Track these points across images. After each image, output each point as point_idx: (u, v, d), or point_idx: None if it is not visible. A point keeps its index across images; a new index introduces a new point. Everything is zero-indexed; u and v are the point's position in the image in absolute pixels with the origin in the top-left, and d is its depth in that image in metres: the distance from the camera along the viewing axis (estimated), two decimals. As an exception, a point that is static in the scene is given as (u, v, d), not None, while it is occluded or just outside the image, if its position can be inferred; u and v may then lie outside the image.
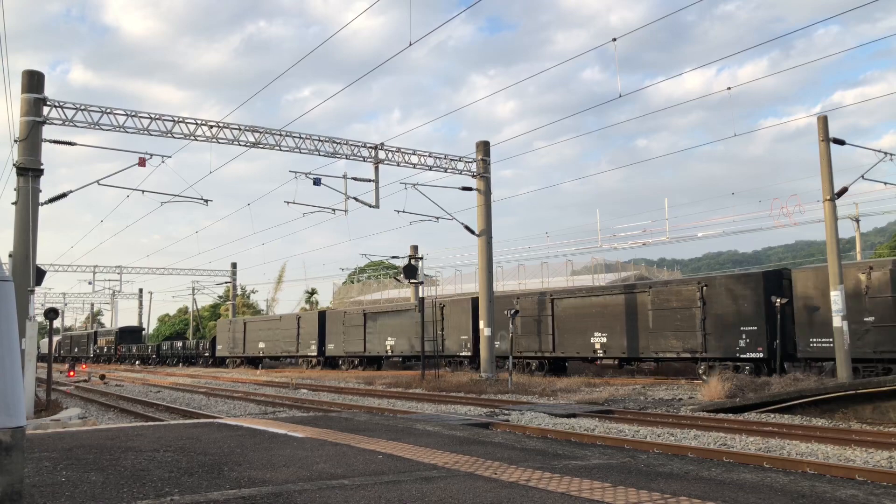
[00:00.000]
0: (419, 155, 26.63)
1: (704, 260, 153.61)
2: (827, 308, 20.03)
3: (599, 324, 26.92)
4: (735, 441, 11.27)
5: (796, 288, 21.94)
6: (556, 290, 31.39)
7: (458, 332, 32.88)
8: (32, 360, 17.13)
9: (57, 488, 5.02)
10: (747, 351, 22.51)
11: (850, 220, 37.72)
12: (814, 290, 21.48)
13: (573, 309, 28.06)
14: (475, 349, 29.51)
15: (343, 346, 41.19)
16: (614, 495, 4.74)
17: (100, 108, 21.06)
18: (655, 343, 25.01)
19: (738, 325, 22.79)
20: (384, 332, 38.12)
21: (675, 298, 24.73)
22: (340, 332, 41.41)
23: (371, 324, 39.19)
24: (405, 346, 36.37)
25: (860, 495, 4.83)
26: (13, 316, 3.20)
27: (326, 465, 6.00)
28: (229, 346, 51.96)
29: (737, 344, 22.73)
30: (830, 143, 19.06)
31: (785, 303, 21.09)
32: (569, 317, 28.05)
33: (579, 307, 27.83)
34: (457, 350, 33.02)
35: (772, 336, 21.75)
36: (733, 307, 22.94)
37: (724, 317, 23.06)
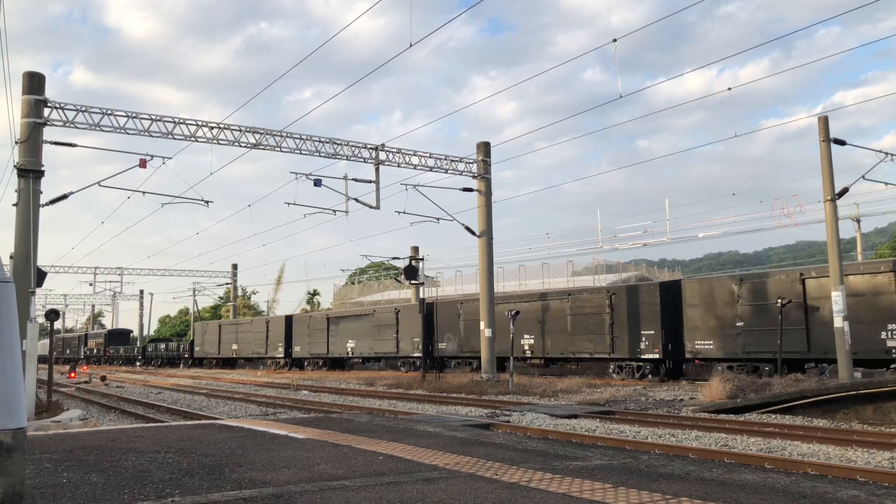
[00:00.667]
0: (420, 156, 26.64)
1: (705, 260, 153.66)
2: (707, 313, 24.02)
3: (528, 327, 29.21)
4: (736, 442, 11.26)
5: (685, 297, 24.75)
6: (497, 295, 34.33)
7: (411, 335, 35.62)
8: (33, 361, 17.13)
9: (58, 489, 5.02)
10: (647, 352, 25.18)
11: (851, 220, 37.72)
12: (698, 299, 24.40)
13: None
14: (424, 351, 32.03)
15: (308, 348, 43.85)
16: (615, 496, 4.74)
17: (100, 110, 21.08)
18: (573, 345, 27.75)
19: (639, 329, 25.46)
20: (346, 335, 41.01)
21: (588, 305, 27.52)
22: (306, 335, 43.98)
23: (333, 328, 42.02)
24: (364, 347, 39.35)
25: (862, 496, 4.83)
26: (14, 317, 3.19)
27: (327, 466, 6.00)
28: (205, 347, 54.89)
29: (638, 346, 25.38)
30: (831, 144, 19.05)
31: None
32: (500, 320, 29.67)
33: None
34: (410, 351, 36.06)
35: (666, 339, 24.67)
36: (636, 313, 25.52)
37: (628, 322, 25.63)
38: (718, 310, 23.70)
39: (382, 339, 37.91)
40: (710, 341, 23.52)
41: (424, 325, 30.89)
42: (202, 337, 56.00)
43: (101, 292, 68.31)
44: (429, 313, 33.06)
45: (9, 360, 3.17)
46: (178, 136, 22.28)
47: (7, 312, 3.21)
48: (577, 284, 42.70)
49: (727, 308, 23.35)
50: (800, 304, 21.64)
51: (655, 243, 40.31)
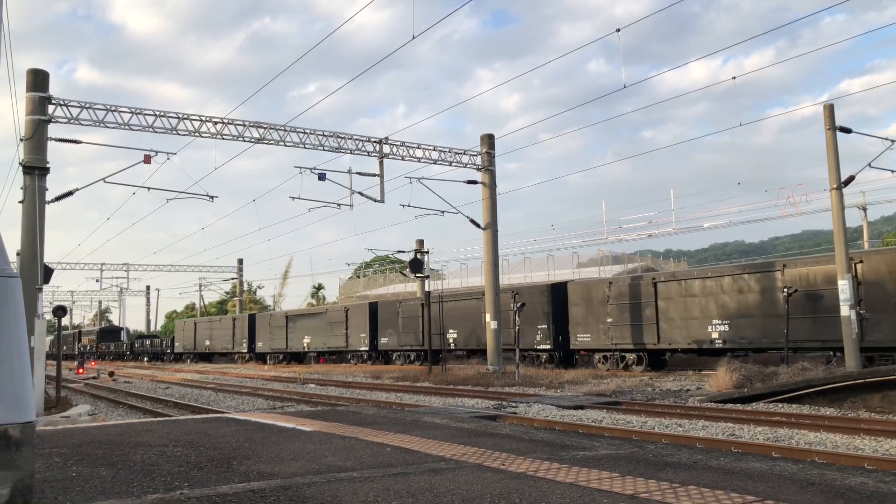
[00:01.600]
0: (423, 148, 26.61)
1: (711, 251, 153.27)
2: (586, 310, 27.74)
3: (452, 323, 33.49)
4: (743, 431, 11.26)
5: (570, 296, 28.68)
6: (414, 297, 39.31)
7: (359, 331, 39.57)
8: (41, 357, 17.22)
9: (67, 483, 5.05)
10: (541, 344, 29.01)
11: (857, 208, 37.55)
12: (580, 299, 28.18)
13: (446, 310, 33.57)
14: (371, 344, 36.45)
15: (269, 343, 47.99)
16: (623, 485, 4.74)
17: (105, 106, 21.11)
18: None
19: (535, 324, 28.99)
20: (302, 331, 45.07)
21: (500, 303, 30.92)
22: (267, 331, 48.12)
23: (292, 325, 46.07)
24: (318, 343, 43.46)
25: (870, 483, 4.82)
26: (21, 312, 3.20)
27: (335, 458, 6.01)
28: (185, 343, 59.50)
29: (535, 338, 28.95)
30: (837, 132, 18.96)
31: None
32: (435, 318, 31.58)
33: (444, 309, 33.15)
34: (358, 346, 39.93)
35: (555, 332, 28.45)
36: (532, 310, 28.60)
37: (529, 317, 28.23)
38: (594, 308, 27.66)
39: (334, 335, 41.50)
40: (590, 335, 27.83)
41: (428, 319, 30.87)
42: (181, 333, 60.34)
43: (108, 288, 68.63)
44: (373, 311, 37.39)
45: (16, 355, 3.17)
46: (182, 132, 22.31)
47: (14, 307, 3.22)
48: (583, 276, 42.69)
49: (600, 306, 27.31)
50: (652, 303, 25.57)
51: (661, 234, 40.25)
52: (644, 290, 26.04)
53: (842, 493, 4.50)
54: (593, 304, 27.66)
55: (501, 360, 26.64)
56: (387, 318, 37.86)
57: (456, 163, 27.20)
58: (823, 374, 16.28)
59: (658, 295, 25.52)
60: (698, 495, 4.40)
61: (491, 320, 27.00)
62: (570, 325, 28.46)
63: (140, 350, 67.62)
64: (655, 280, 26.09)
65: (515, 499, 4.36)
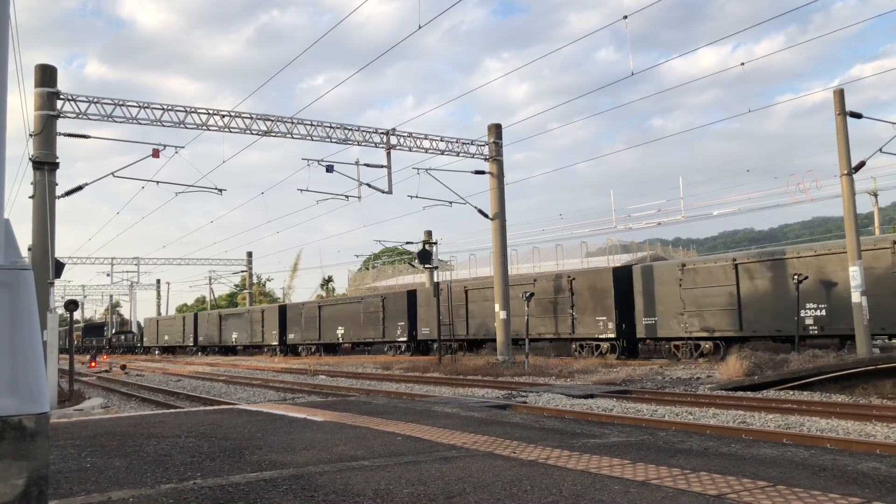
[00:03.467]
0: (431, 139, 26.57)
1: (720, 238, 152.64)
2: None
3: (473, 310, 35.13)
4: (754, 418, 11.23)
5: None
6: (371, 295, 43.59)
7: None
8: (54, 351, 17.34)
9: (82, 474, 5.10)
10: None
11: (868, 194, 37.27)
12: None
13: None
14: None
15: (208, 338, 55.46)
16: (634, 471, 4.75)
17: (112, 101, 21.17)
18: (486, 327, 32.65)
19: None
20: (231, 329, 52.97)
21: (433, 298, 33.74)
22: (206, 328, 56.61)
23: (225, 323, 53.98)
24: (244, 339, 50.55)
25: (883, 468, 4.81)
26: (34, 304, 3.22)
27: (346, 447, 6.04)
28: (150, 338, 67.41)
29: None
30: (847, 117, 18.80)
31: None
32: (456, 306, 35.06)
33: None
34: (271, 340, 46.39)
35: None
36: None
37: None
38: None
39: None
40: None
41: (438, 310, 30.92)
42: (148, 329, 69.62)
43: (119, 282, 69.04)
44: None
45: (30, 347, 3.19)
46: (190, 125, 22.36)
47: (26, 300, 3.24)
48: (591, 265, 42.58)
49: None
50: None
51: (670, 222, 40.10)
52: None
53: (854, 478, 4.49)
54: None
55: (510, 350, 26.65)
56: (295, 318, 42.47)
57: (463, 153, 27.15)
58: (835, 360, 16.21)
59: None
60: (709, 481, 4.40)
61: (500, 310, 27.00)
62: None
63: (117, 343, 74.68)
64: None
65: (527, 486, 4.37)
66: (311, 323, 44.05)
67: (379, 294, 41.76)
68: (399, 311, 37.35)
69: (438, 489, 4.34)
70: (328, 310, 43.48)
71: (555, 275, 31.10)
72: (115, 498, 4.32)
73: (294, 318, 45.93)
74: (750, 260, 23.71)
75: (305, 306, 45.82)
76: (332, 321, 42.58)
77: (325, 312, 43.51)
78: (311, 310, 44.71)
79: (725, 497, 3.98)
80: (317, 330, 43.58)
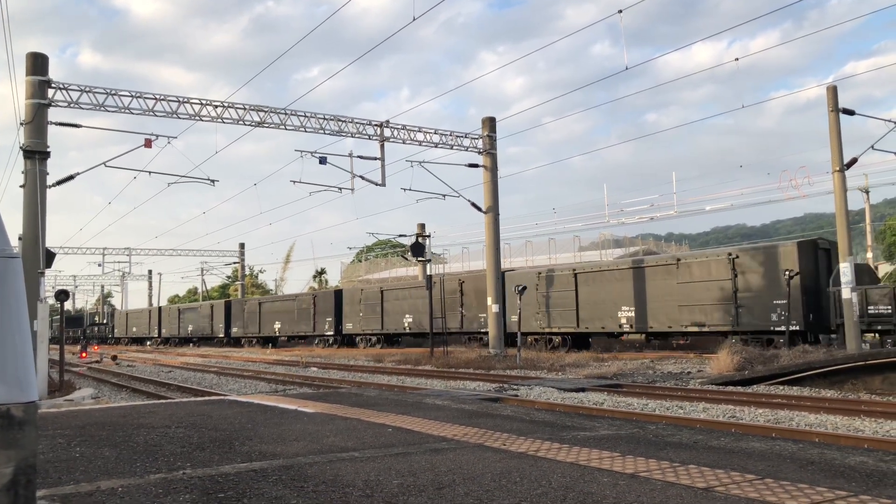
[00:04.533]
0: (425, 132, 26.51)
1: (713, 234, 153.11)
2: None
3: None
4: (744, 413, 11.30)
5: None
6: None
7: (217, 321, 52.89)
8: (44, 341, 17.27)
9: (71, 463, 5.09)
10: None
11: (859, 191, 37.43)
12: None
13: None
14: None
15: (362, 324, 60.00)
16: (623, 464, 4.77)
17: (105, 90, 21.03)
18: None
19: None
20: (188, 322, 58.67)
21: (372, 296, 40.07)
22: (167, 320, 61.85)
23: (183, 316, 59.91)
24: (197, 331, 56.91)
25: (870, 462, 4.84)
26: (22, 292, 3.20)
27: (336, 438, 6.05)
28: (120, 329, 72.23)
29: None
30: (840, 114, 18.87)
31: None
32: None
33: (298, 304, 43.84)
34: (218, 332, 50.95)
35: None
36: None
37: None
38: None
39: (204, 324, 54.06)
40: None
41: (430, 303, 30.93)
42: (118, 321, 74.77)
43: (110, 273, 68.72)
44: (227, 308, 45.86)
45: (18, 335, 3.17)
46: (183, 116, 22.24)
47: (15, 287, 3.21)
48: (583, 260, 42.67)
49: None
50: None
51: (662, 217, 40.20)
52: (568, 281, 28.80)
53: (842, 471, 4.52)
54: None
55: (503, 343, 26.69)
56: (239, 312, 47.89)
57: (457, 146, 27.11)
58: (824, 356, 16.31)
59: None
60: (698, 474, 4.43)
61: (492, 303, 27.03)
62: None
63: (91, 335, 76.47)
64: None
65: (516, 477, 4.39)
66: (253, 318, 49.55)
67: (312, 293, 48.28)
68: (328, 307, 42.57)
69: (428, 480, 4.35)
70: (267, 306, 49.15)
71: (457, 277, 36.20)
72: (104, 487, 4.31)
73: (237, 313, 51.85)
74: (586, 270, 28.83)
75: (248, 303, 51.72)
76: (270, 315, 47.91)
77: (264, 308, 48.96)
78: (252, 305, 50.42)
79: (713, 489, 4.01)
80: (257, 324, 48.98)
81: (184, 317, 59.59)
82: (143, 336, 66.96)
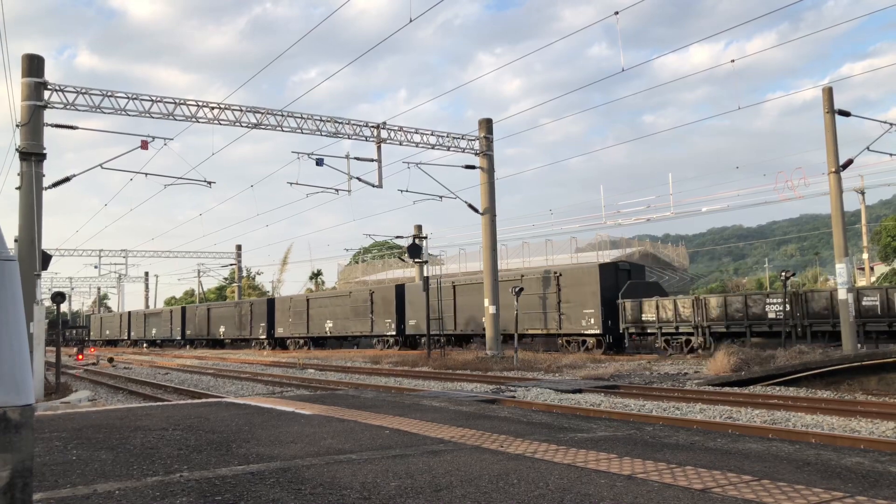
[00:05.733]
0: (421, 133, 26.52)
1: (709, 235, 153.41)
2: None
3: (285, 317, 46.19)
4: (741, 414, 11.32)
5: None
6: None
7: (176, 325, 58.23)
8: (41, 343, 17.23)
9: (68, 466, 5.08)
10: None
11: (855, 192, 37.54)
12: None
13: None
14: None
15: (134, 334, 66.73)
16: (620, 465, 4.77)
17: (101, 92, 21.00)
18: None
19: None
20: (153, 326, 63.30)
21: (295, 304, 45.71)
22: (137, 324, 66.48)
23: (150, 320, 64.72)
24: (160, 333, 61.80)
25: (866, 462, 4.85)
26: (19, 295, 3.19)
27: (334, 440, 6.04)
28: (97, 332, 75.83)
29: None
30: (836, 115, 18.92)
31: None
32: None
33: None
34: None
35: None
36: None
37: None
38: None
39: (166, 328, 59.50)
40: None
41: (427, 304, 30.94)
42: (94, 325, 78.86)
43: (107, 275, 68.64)
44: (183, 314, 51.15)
45: (15, 338, 3.16)
46: (179, 117, 22.22)
47: (11, 289, 3.20)
48: (579, 261, 42.68)
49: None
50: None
51: (659, 218, 40.27)
52: (447, 292, 33.84)
53: (838, 472, 4.53)
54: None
55: (499, 344, 26.70)
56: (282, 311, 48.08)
57: (454, 148, 27.13)
58: (821, 356, 16.35)
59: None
60: (695, 475, 4.43)
61: (490, 305, 27.04)
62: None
63: (70, 337, 79.92)
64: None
65: (513, 479, 4.39)
66: (203, 322, 55.47)
67: (249, 300, 53.46)
68: (261, 311, 47.85)
69: (426, 482, 4.35)
70: (215, 311, 54.47)
71: (366, 286, 41.58)
72: (101, 490, 4.31)
73: (191, 317, 57.52)
74: (461, 283, 33.99)
75: (198, 308, 57.82)
76: (217, 320, 53.25)
77: (213, 313, 54.28)
78: (202, 311, 56.57)
79: (710, 491, 4.01)
80: (206, 328, 54.68)
81: (149, 321, 65.88)
82: (116, 338, 71.95)
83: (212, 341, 54.49)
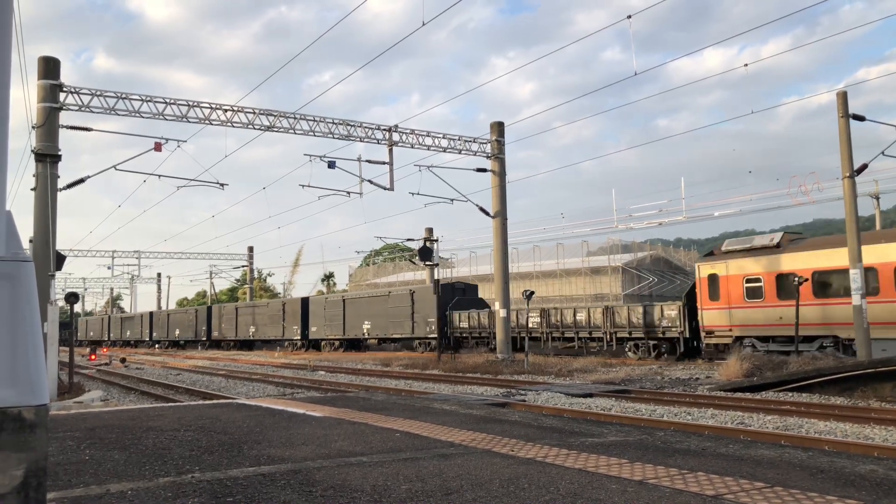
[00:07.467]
0: (433, 136, 26.55)
1: (721, 239, 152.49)
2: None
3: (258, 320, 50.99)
4: (753, 419, 11.24)
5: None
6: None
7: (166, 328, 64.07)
8: (54, 343, 17.36)
9: (81, 466, 5.11)
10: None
11: (870, 197, 37.23)
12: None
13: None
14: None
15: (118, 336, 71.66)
16: (631, 471, 4.75)
17: (115, 94, 21.16)
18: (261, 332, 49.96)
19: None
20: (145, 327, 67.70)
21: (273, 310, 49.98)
22: (119, 327, 72.53)
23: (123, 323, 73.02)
24: (135, 334, 68.25)
25: (880, 470, 4.81)
26: (34, 296, 3.21)
27: (344, 442, 6.05)
28: (83, 334, 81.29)
29: None
30: (850, 119, 18.77)
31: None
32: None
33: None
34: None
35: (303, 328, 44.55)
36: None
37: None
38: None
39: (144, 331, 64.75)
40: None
41: (439, 306, 30.96)
42: (81, 327, 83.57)
43: (120, 275, 69.09)
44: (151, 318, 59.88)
45: (30, 338, 3.18)
46: (193, 120, 22.35)
47: (27, 291, 3.22)
48: (592, 265, 42.48)
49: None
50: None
51: (671, 222, 40.07)
52: (339, 305, 42.34)
53: (852, 480, 4.49)
54: (317, 311, 44.15)
55: (510, 348, 26.66)
56: (176, 319, 59.37)
57: (465, 151, 27.14)
58: (834, 363, 16.21)
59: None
60: (707, 481, 4.41)
61: (500, 308, 27.01)
62: (308, 324, 44.99)
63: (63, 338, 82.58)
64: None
65: (524, 484, 4.38)
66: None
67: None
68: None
69: (436, 486, 4.35)
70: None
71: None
72: (114, 490, 4.33)
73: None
74: (354, 297, 41.14)
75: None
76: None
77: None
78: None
79: (723, 497, 3.99)
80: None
81: (124, 324, 71.15)
82: (98, 339, 76.64)
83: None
